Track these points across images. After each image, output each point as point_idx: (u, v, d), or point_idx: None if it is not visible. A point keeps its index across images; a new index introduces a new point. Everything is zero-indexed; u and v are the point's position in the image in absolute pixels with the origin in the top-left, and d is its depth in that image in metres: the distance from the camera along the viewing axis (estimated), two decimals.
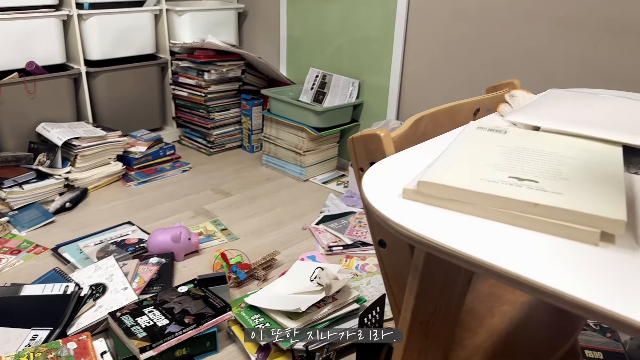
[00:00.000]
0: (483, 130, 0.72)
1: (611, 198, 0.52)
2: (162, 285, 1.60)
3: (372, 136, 0.73)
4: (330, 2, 2.38)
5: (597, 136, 0.67)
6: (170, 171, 2.39)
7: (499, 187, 0.54)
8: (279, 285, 1.49)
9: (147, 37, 2.54)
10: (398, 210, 0.56)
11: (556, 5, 1.70)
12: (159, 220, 1.99)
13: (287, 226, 1.96)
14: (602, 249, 0.49)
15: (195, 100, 2.55)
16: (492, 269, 0.47)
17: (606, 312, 0.41)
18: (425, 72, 2.12)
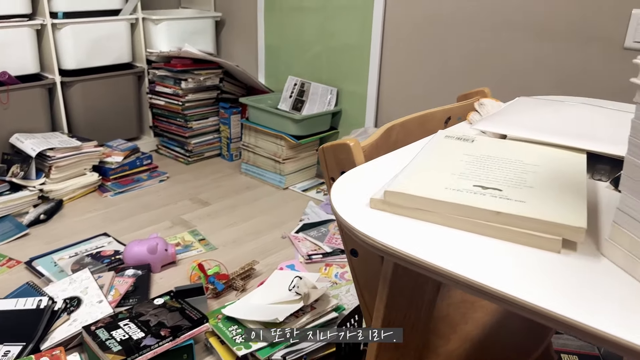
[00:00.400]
0: (451, 139, 0.72)
1: (573, 205, 0.52)
2: (138, 298, 1.58)
3: (342, 146, 0.73)
4: (307, 10, 2.39)
5: (562, 144, 0.68)
6: (147, 181, 2.37)
7: (463, 196, 0.55)
8: (257, 295, 1.48)
9: (123, 46, 2.52)
10: (365, 220, 0.56)
11: (526, 14, 1.73)
12: (136, 231, 1.96)
13: (266, 235, 1.95)
14: (564, 256, 0.50)
15: (172, 109, 2.53)
16: (455, 278, 0.47)
17: (566, 320, 0.41)
18: (403, 80, 2.14)
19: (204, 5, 2.82)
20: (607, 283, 0.46)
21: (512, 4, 1.76)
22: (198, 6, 2.86)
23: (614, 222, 0.48)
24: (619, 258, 0.48)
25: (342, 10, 2.26)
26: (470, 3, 1.86)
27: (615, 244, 0.48)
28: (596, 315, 0.41)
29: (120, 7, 2.50)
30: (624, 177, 0.47)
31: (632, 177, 0.46)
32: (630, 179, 0.46)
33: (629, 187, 0.47)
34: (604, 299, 0.44)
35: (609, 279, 0.46)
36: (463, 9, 1.88)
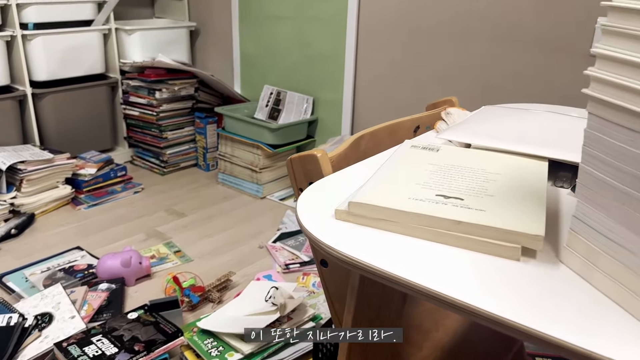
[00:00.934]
0: (417, 149, 0.73)
1: (532, 213, 0.53)
2: (112, 312, 1.55)
3: (309, 157, 0.73)
4: (282, 20, 2.40)
5: (524, 152, 0.69)
6: (121, 193, 2.33)
7: (425, 206, 0.55)
8: (233, 307, 1.47)
9: (96, 56, 2.49)
10: (330, 231, 0.56)
11: (495, 24, 1.76)
12: (110, 244, 1.93)
13: (243, 245, 1.94)
14: (524, 264, 0.50)
15: (147, 120, 2.51)
16: (417, 288, 0.47)
17: (524, 329, 0.42)
18: (378, 88, 2.16)
19: (178, 15, 2.81)
20: (565, 290, 0.46)
21: (481, 15, 1.79)
22: (172, 16, 2.85)
23: (571, 230, 0.49)
24: (576, 265, 0.48)
25: (317, 19, 2.27)
26: (440, 14, 1.89)
27: (572, 251, 0.49)
28: (554, 324, 0.42)
29: (92, 18, 2.47)
30: (579, 185, 0.48)
31: (587, 186, 0.47)
32: (584, 187, 0.47)
33: (583, 195, 0.48)
34: (561, 306, 0.44)
35: (566, 286, 0.47)
36: (434, 20, 1.91)
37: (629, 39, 0.42)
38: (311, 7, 2.28)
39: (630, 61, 0.42)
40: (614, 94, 0.43)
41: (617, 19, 0.43)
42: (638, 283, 0.42)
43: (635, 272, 0.42)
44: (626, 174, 0.43)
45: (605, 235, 0.45)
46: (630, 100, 0.42)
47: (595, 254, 0.46)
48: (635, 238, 0.42)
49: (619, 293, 0.44)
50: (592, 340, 0.40)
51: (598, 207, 0.46)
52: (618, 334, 0.41)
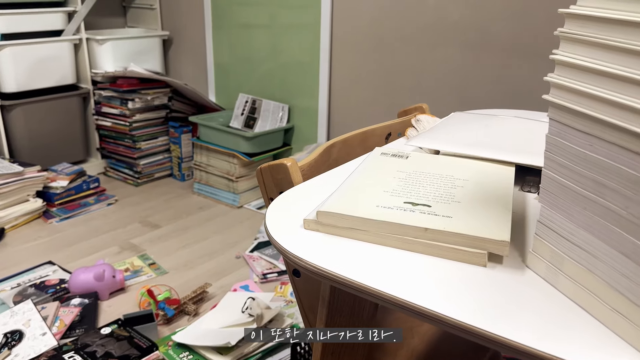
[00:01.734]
0: (386, 156, 0.73)
1: (498, 219, 0.54)
2: (85, 328, 1.51)
3: (279, 166, 0.73)
4: (256, 28, 2.40)
5: (491, 157, 0.70)
6: (94, 205, 2.29)
7: (393, 214, 0.55)
8: (209, 319, 1.45)
9: (67, 67, 2.45)
10: (299, 241, 0.55)
11: (466, 31, 1.79)
12: (83, 258, 1.89)
13: (220, 256, 1.92)
14: (490, 270, 0.50)
15: (119, 130, 2.47)
16: (385, 297, 0.47)
17: (489, 336, 0.42)
18: (353, 96, 2.17)
19: (150, 24, 2.79)
20: (531, 295, 0.47)
21: (453, 23, 1.81)
22: (145, 25, 2.82)
23: (536, 235, 0.49)
24: (542, 269, 0.49)
25: (291, 27, 2.27)
26: (412, 22, 1.91)
27: (537, 256, 0.49)
28: (519, 329, 0.42)
29: (62, 28, 2.44)
30: (542, 190, 0.48)
31: (550, 191, 0.48)
32: (547, 192, 0.48)
33: (547, 200, 0.48)
34: (527, 312, 0.44)
35: (532, 291, 0.47)
36: (406, 28, 1.93)
37: (586, 46, 0.43)
38: (285, 16, 2.29)
39: (587, 67, 0.42)
40: (573, 99, 0.44)
41: (575, 26, 0.44)
42: (601, 287, 0.43)
43: (598, 275, 0.43)
44: (586, 179, 0.43)
45: (568, 240, 0.46)
46: (589, 106, 0.42)
47: (559, 259, 0.47)
48: (597, 242, 0.43)
49: (584, 297, 0.44)
50: (557, 346, 0.40)
51: (561, 211, 0.46)
52: (583, 339, 0.41)
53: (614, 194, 0.41)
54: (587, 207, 0.43)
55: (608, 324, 0.42)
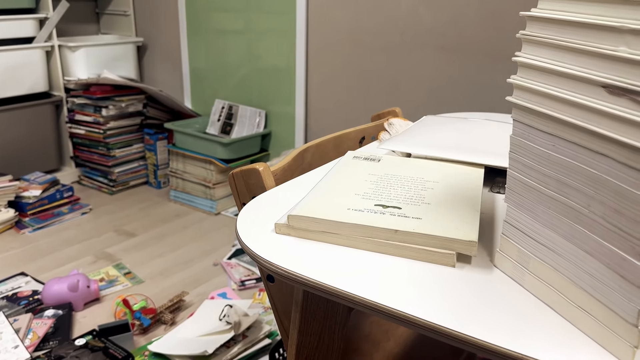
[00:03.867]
0: (358, 160, 0.73)
1: (466, 220, 0.54)
2: (59, 340, 1.48)
3: (251, 171, 0.73)
4: (232, 34, 2.39)
5: (461, 159, 0.71)
6: (68, 214, 2.25)
7: (364, 216, 0.55)
8: (185, 328, 1.43)
9: (39, 74, 2.41)
10: (270, 246, 0.55)
11: (440, 36, 1.81)
12: (57, 269, 1.85)
13: (197, 264, 1.90)
14: (459, 270, 0.51)
15: (93, 138, 2.43)
16: (355, 300, 0.47)
17: (457, 335, 0.42)
18: (329, 101, 2.17)
19: (124, 30, 2.76)
20: (498, 294, 0.47)
21: (427, 28, 1.84)
22: (119, 32, 2.79)
23: (503, 234, 0.50)
24: (509, 269, 0.49)
25: (267, 33, 2.27)
26: (387, 28, 1.93)
27: (504, 255, 0.50)
28: (487, 328, 0.43)
29: (33, 35, 2.39)
30: (507, 190, 0.49)
31: (515, 191, 0.48)
32: (513, 192, 0.49)
33: (512, 200, 0.49)
34: (494, 310, 0.45)
35: (500, 290, 0.48)
36: (381, 33, 1.94)
37: (547, 47, 0.44)
38: (261, 21, 2.28)
39: (548, 69, 0.43)
40: (535, 100, 0.45)
41: (536, 28, 0.45)
42: (566, 284, 0.43)
43: (563, 273, 0.44)
44: (550, 178, 0.44)
45: (534, 239, 0.46)
46: (550, 107, 0.43)
47: (525, 257, 0.47)
48: (561, 240, 0.43)
49: (549, 295, 0.45)
50: (523, 343, 0.41)
51: (526, 211, 0.47)
52: (549, 336, 0.42)
53: (576, 193, 0.42)
54: (551, 207, 0.44)
55: (573, 321, 0.43)
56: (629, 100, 0.36)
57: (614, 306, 0.39)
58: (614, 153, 0.38)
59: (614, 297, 0.39)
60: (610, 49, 0.37)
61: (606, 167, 0.39)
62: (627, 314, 0.38)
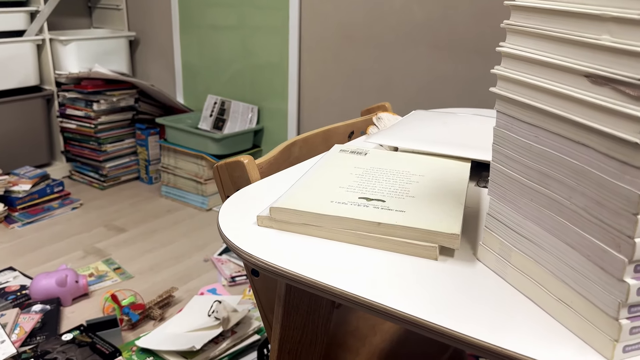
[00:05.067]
0: (345, 153, 0.73)
1: (449, 213, 0.54)
2: (46, 335, 1.47)
3: (236, 163, 0.72)
4: (225, 29, 2.37)
5: (448, 153, 0.70)
6: (58, 209, 2.23)
7: (347, 209, 0.54)
8: (174, 323, 1.42)
9: (29, 68, 2.39)
10: (251, 238, 0.54)
11: (432, 31, 1.81)
12: (46, 264, 1.84)
13: (187, 259, 1.89)
14: (442, 263, 0.50)
15: (84, 132, 2.41)
16: (337, 293, 0.46)
17: (438, 328, 0.42)
18: (322, 96, 2.16)
19: (117, 25, 2.74)
20: (480, 287, 0.47)
21: (420, 24, 1.83)
22: (111, 26, 2.76)
23: (485, 227, 0.49)
24: (491, 261, 0.49)
25: (260, 28, 2.26)
26: (380, 24, 1.92)
27: (487, 248, 0.49)
28: (467, 322, 0.42)
29: (24, 28, 2.37)
30: (490, 183, 0.49)
31: (498, 183, 0.48)
32: (496, 184, 0.48)
33: (495, 192, 0.48)
34: (476, 304, 0.44)
35: (482, 283, 0.47)
36: (373, 29, 1.94)
37: (530, 37, 0.43)
38: (254, 17, 2.27)
39: (532, 58, 0.42)
40: (518, 91, 0.44)
41: (520, 18, 0.44)
42: (547, 277, 0.43)
43: (544, 266, 0.43)
44: (532, 170, 0.43)
45: (516, 231, 0.46)
46: (533, 97, 0.42)
47: (508, 250, 0.47)
48: (543, 233, 0.43)
49: (531, 288, 0.44)
50: (502, 337, 0.40)
51: (509, 203, 0.46)
52: (529, 329, 0.41)
53: (558, 184, 0.41)
54: (534, 199, 0.44)
55: (554, 314, 0.42)
56: (611, 89, 0.36)
57: (594, 299, 0.38)
58: (595, 144, 0.37)
59: (594, 289, 0.38)
60: (593, 38, 0.37)
61: (588, 158, 0.38)
62: (607, 306, 0.37)
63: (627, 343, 0.37)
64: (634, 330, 0.37)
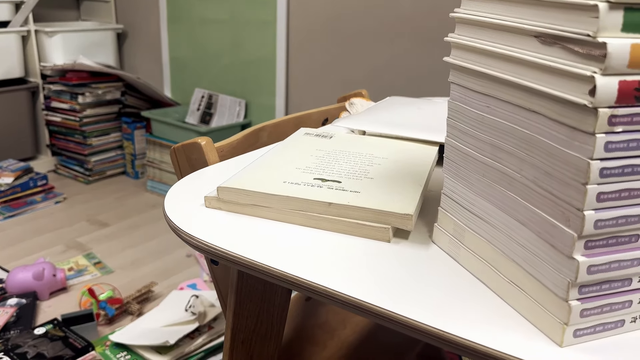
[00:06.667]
0: (310, 136, 0.69)
1: (406, 194, 0.50)
2: (20, 329, 1.43)
3: (193, 145, 0.69)
4: (214, 23, 2.34)
5: (415, 137, 0.67)
6: (41, 203, 2.20)
7: (298, 189, 0.51)
8: (150, 318, 1.39)
9: (14, 60, 2.35)
10: (196, 220, 0.51)
11: (420, 24, 1.78)
12: (25, 257, 1.80)
13: (169, 254, 1.86)
14: (395, 246, 0.47)
15: (69, 126, 2.38)
16: (279, 276, 0.43)
17: (382, 312, 0.39)
18: (310, 91, 2.13)
19: (105, 17, 2.70)
20: (430, 270, 0.43)
21: (407, 17, 1.80)
22: (99, 18, 2.73)
23: (440, 207, 0.46)
24: (445, 243, 0.46)
25: (249, 23, 2.23)
26: (367, 17, 1.89)
27: (442, 229, 0.46)
28: (414, 306, 0.39)
29: (9, 19, 2.34)
30: (445, 160, 0.46)
31: (452, 160, 0.45)
32: (450, 161, 0.45)
33: (450, 170, 0.45)
34: (423, 286, 0.41)
35: (433, 265, 0.44)
36: (361, 23, 1.91)
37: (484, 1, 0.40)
38: (242, 10, 2.24)
39: (483, 22, 0.39)
40: (471, 58, 0.41)
41: None
42: (499, 258, 0.40)
43: (496, 246, 0.40)
44: (484, 143, 0.40)
45: (469, 210, 0.43)
46: (485, 64, 0.39)
47: (461, 231, 0.44)
48: (495, 210, 0.40)
49: (483, 270, 0.41)
50: (449, 321, 0.37)
51: (462, 181, 0.43)
52: (477, 313, 0.38)
53: (509, 156, 0.38)
54: (486, 174, 0.40)
55: (506, 298, 0.39)
56: (560, 49, 0.33)
57: (544, 279, 0.35)
58: (545, 109, 0.34)
59: (544, 269, 0.35)
60: None
61: (538, 126, 0.35)
62: (557, 287, 0.34)
63: (579, 327, 0.34)
64: (586, 312, 0.34)
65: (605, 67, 0.30)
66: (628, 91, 0.30)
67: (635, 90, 0.30)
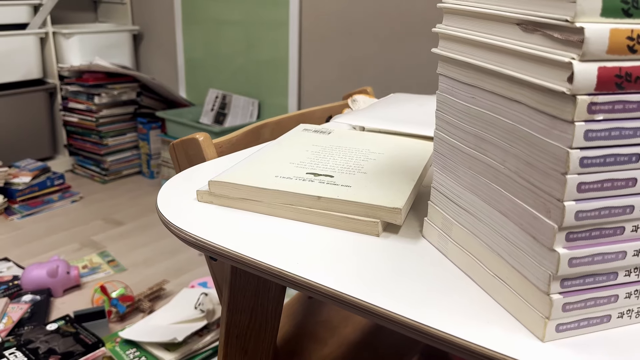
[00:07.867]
0: (308, 132, 0.69)
1: (397, 188, 0.50)
2: (34, 325, 1.46)
3: (191, 141, 0.69)
4: (227, 24, 2.36)
5: (413, 132, 0.66)
6: (58, 202, 2.23)
7: (289, 183, 0.51)
8: (160, 315, 1.40)
9: (32, 61, 2.40)
10: (187, 214, 0.51)
11: (433, 23, 1.76)
12: (41, 255, 1.84)
13: (182, 253, 1.87)
14: (384, 240, 0.47)
15: (86, 126, 2.42)
16: (272, 272, 0.43)
17: (367, 307, 0.38)
18: (322, 91, 2.13)
19: (121, 19, 2.74)
20: (418, 264, 0.43)
21: (420, 15, 1.79)
22: (115, 20, 2.77)
23: (430, 202, 0.46)
24: (434, 238, 0.45)
25: (262, 24, 2.24)
26: (380, 15, 1.88)
27: (431, 224, 0.46)
28: (396, 298, 0.38)
29: (27, 21, 2.39)
30: (434, 154, 0.45)
31: (441, 153, 0.44)
32: (439, 155, 0.44)
33: (438, 163, 0.44)
34: (409, 280, 0.41)
35: (421, 260, 0.44)
36: (373, 21, 1.90)
37: None
38: (256, 11, 2.25)
39: (469, 11, 0.39)
40: (457, 49, 0.40)
41: None
42: (483, 251, 0.39)
43: (481, 239, 0.39)
44: (470, 135, 0.40)
45: (456, 203, 0.42)
46: (470, 54, 0.39)
47: (449, 225, 0.43)
48: (480, 203, 0.39)
49: (468, 263, 0.41)
50: (432, 315, 0.36)
51: (450, 174, 0.43)
52: (461, 307, 0.37)
53: (493, 148, 0.37)
54: (472, 167, 0.40)
55: (490, 291, 0.38)
56: (541, 36, 0.32)
57: (527, 272, 0.34)
58: (527, 98, 0.33)
59: (527, 262, 0.34)
60: None
61: (519, 115, 0.34)
62: (538, 280, 0.33)
63: (561, 321, 0.33)
64: (569, 306, 0.33)
65: (583, 52, 0.29)
66: (608, 78, 0.29)
67: (615, 77, 0.29)
